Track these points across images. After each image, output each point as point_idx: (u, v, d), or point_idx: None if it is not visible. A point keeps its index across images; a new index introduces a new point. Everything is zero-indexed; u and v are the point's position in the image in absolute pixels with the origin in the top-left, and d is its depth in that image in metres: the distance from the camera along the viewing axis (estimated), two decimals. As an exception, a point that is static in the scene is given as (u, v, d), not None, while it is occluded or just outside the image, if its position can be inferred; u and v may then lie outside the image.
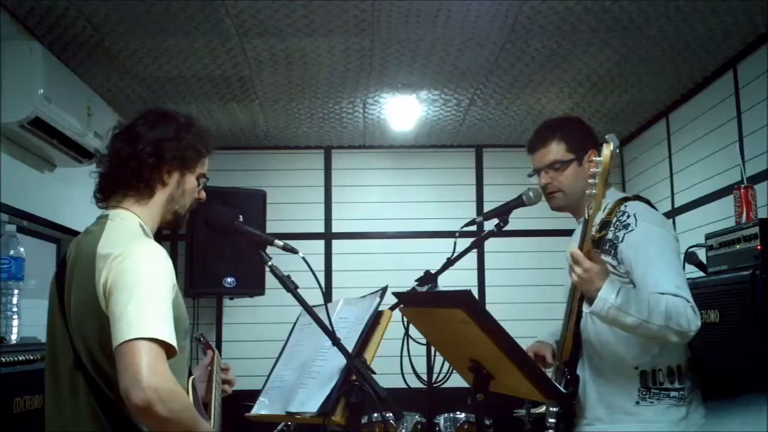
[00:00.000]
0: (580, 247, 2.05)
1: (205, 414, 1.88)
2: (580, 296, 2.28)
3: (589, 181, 1.99)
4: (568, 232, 2.59)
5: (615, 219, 2.23)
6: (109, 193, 1.86)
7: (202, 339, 2.27)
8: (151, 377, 1.49)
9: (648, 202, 2.34)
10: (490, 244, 4.16)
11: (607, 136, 1.97)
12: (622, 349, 2.24)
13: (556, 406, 2.40)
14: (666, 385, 2.20)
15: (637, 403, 2.21)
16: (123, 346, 1.53)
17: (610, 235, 2.22)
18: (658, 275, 2.11)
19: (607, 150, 1.93)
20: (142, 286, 1.60)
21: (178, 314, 1.71)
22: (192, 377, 1.85)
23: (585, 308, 2.09)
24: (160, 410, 1.49)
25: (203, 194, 1.96)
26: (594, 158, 2.38)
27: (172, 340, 1.58)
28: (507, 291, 5.38)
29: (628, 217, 2.22)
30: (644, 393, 2.20)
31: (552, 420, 2.40)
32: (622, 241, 2.20)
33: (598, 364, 2.28)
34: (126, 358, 1.52)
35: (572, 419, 2.34)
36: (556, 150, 2.36)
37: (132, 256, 1.64)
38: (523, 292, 5.29)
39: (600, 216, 2.14)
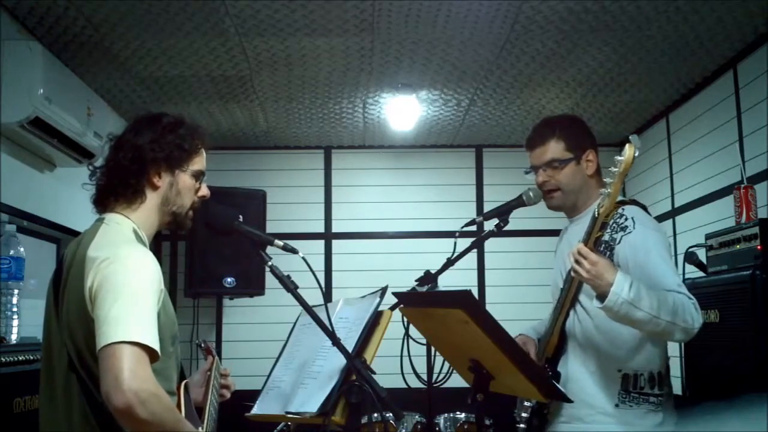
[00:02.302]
0: (584, 244, 2.05)
1: (198, 419, 1.88)
2: (573, 295, 2.29)
3: (605, 180, 2.00)
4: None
5: (612, 221, 2.24)
6: (103, 202, 1.87)
7: (203, 344, 2.27)
8: (131, 380, 1.50)
9: (644, 207, 2.35)
10: (490, 244, 4.16)
11: (630, 137, 1.97)
12: (608, 351, 2.25)
13: (530, 402, 2.40)
14: (646, 390, 2.23)
15: (617, 405, 2.23)
16: (105, 350, 1.54)
17: (606, 237, 2.23)
18: (661, 274, 2.13)
19: (630, 150, 1.94)
20: (126, 290, 1.61)
21: (165, 319, 1.72)
22: (184, 381, 1.85)
23: (596, 303, 2.08)
24: (140, 413, 1.50)
25: (205, 190, 1.96)
26: (596, 156, 2.40)
27: (154, 345, 1.58)
28: (507, 291, 5.38)
29: (626, 219, 2.23)
30: (624, 396, 2.22)
31: (525, 415, 2.41)
32: (619, 242, 2.21)
33: (581, 364, 2.29)
34: (108, 361, 1.53)
35: (546, 416, 2.35)
36: (554, 148, 2.37)
37: (118, 260, 1.65)
38: (523, 292, 5.29)
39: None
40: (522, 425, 2.42)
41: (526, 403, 2.42)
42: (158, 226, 1.90)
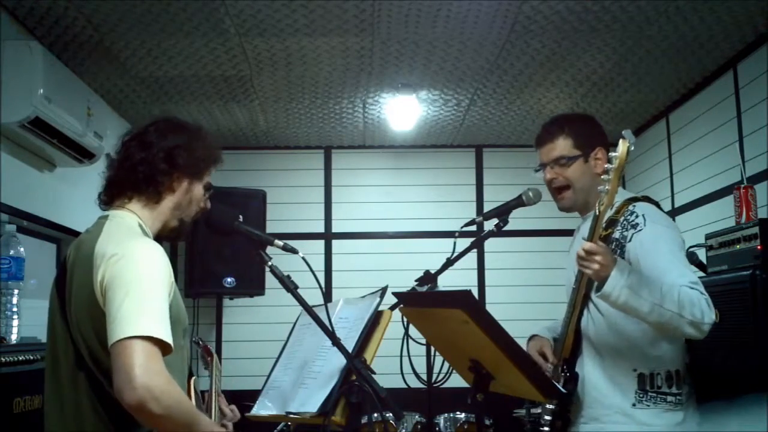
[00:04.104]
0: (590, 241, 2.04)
1: (206, 412, 1.89)
2: (585, 293, 2.28)
3: (603, 177, 1.98)
4: (568, 232, 2.59)
5: (623, 218, 2.22)
6: (115, 195, 1.87)
7: (200, 342, 2.26)
8: (143, 376, 1.50)
9: (656, 203, 2.33)
10: (490, 244, 4.17)
11: (623, 132, 1.95)
12: (622, 350, 2.24)
13: (553, 403, 2.40)
14: (664, 389, 2.20)
15: (634, 405, 2.21)
16: (117, 345, 1.54)
17: (617, 234, 2.22)
18: (672, 271, 2.09)
19: (623, 146, 1.92)
20: (137, 285, 1.61)
21: (176, 313, 1.72)
22: (194, 378, 1.85)
23: (594, 294, 2.07)
24: (153, 408, 1.50)
25: (208, 203, 1.98)
26: (605, 154, 2.38)
27: (167, 338, 1.58)
28: (507, 291, 5.38)
29: (637, 217, 2.21)
30: (641, 395, 2.20)
31: (548, 417, 2.40)
32: (630, 240, 2.19)
33: (597, 364, 2.28)
34: (119, 358, 1.53)
35: (569, 417, 2.34)
36: (562, 145, 2.36)
37: (128, 255, 1.65)
38: (523, 292, 5.29)
39: (608, 213, 2.12)
40: (546, 428, 2.41)
41: (548, 406, 2.41)
42: (161, 229, 1.91)
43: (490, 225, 2.56)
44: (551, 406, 2.39)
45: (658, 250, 2.15)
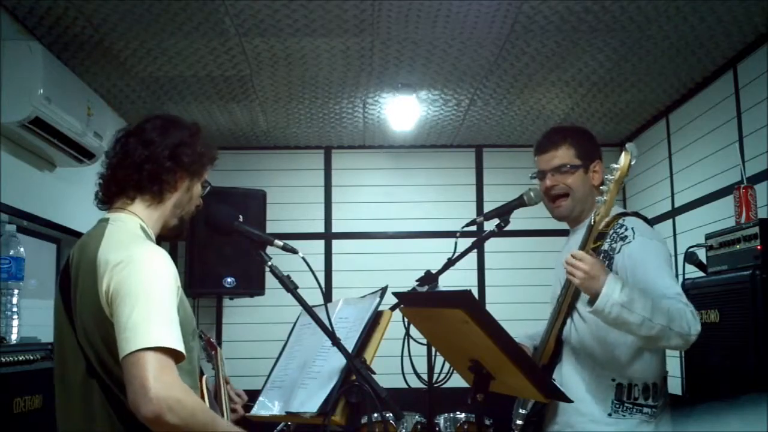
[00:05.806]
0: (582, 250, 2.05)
1: (219, 410, 1.89)
2: (570, 302, 2.29)
3: (602, 187, 2.00)
4: (568, 232, 2.59)
5: (612, 231, 2.25)
6: (115, 194, 1.84)
7: (203, 336, 2.26)
8: (158, 388, 1.48)
9: (645, 219, 2.35)
10: (490, 244, 4.15)
11: (627, 145, 1.98)
12: (603, 360, 2.25)
13: (524, 408, 2.41)
14: (640, 400, 2.22)
15: (610, 414, 2.22)
16: (129, 358, 1.52)
17: (605, 246, 2.24)
18: (659, 283, 2.13)
19: (625, 158, 1.93)
20: (145, 294, 1.59)
21: (183, 316, 1.70)
22: (204, 376, 1.85)
23: (585, 308, 2.08)
24: (170, 419, 1.48)
25: (201, 201, 1.97)
26: (602, 168, 2.41)
27: (178, 346, 1.57)
28: (507, 291, 5.38)
29: (626, 230, 2.24)
30: (617, 406, 2.22)
31: (519, 422, 2.41)
32: (618, 252, 2.22)
33: (576, 372, 2.29)
34: (133, 370, 1.51)
35: (541, 422, 2.35)
36: (565, 154, 2.38)
37: (133, 262, 1.63)
38: (523, 292, 5.29)
39: (600, 225, 2.14)
40: None
41: (521, 411, 2.42)
42: (162, 229, 1.89)
43: (490, 225, 2.57)
44: (523, 411, 2.41)
45: (645, 262, 2.17)
